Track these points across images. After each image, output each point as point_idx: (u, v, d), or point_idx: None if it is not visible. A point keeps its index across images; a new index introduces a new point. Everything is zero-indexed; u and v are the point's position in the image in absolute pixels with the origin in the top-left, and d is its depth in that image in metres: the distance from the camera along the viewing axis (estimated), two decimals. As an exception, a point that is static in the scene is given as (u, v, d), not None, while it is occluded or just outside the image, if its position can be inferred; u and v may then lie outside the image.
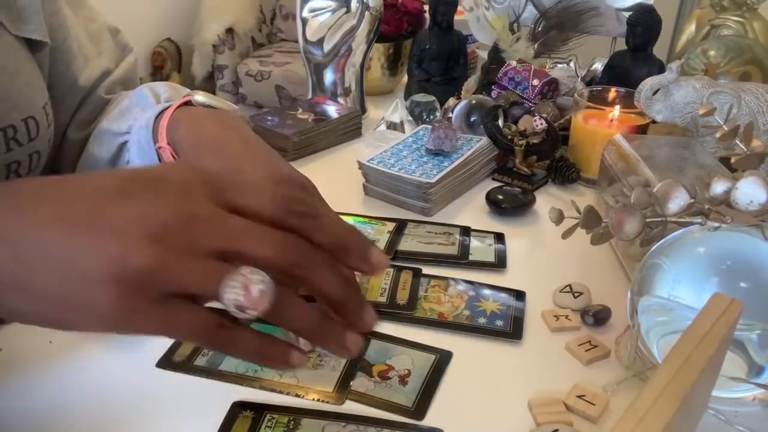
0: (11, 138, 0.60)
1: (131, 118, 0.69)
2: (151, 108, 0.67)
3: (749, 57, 0.92)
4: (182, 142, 0.61)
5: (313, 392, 0.47)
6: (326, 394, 0.47)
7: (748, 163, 0.52)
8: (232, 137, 0.58)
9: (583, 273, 0.62)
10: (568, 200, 0.71)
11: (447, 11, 1.00)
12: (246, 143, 0.58)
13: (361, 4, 0.93)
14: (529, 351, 0.52)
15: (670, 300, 0.45)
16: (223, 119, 0.62)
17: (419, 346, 0.52)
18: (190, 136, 0.61)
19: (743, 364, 0.44)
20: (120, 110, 0.72)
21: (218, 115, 0.63)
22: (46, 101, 0.66)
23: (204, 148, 0.58)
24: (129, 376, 0.48)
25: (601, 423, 0.45)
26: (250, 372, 0.48)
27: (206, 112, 0.64)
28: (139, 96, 0.71)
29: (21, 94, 0.62)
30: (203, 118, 0.62)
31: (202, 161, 0.57)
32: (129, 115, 0.69)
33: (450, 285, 0.60)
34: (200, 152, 0.58)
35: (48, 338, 0.51)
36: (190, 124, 0.61)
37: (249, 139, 0.60)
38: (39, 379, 0.48)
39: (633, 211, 0.50)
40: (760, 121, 0.72)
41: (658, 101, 0.74)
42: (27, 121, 0.62)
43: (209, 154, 0.57)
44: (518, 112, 0.82)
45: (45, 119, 0.65)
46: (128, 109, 0.70)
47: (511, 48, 1.01)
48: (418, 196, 0.73)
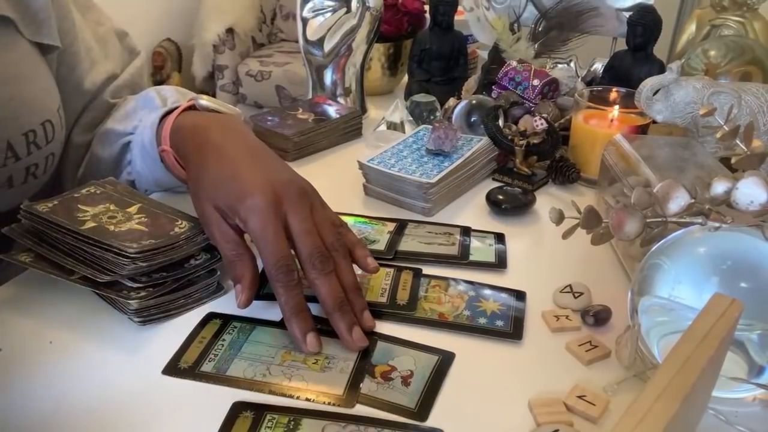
0: (32, 142, 0.62)
1: (137, 119, 0.69)
2: (157, 110, 0.67)
3: (750, 57, 0.92)
4: (185, 146, 0.62)
5: (324, 396, 0.46)
6: (336, 397, 0.46)
7: (748, 164, 0.52)
8: (234, 142, 0.59)
9: (584, 273, 0.62)
10: (568, 200, 0.71)
11: (447, 11, 1.00)
12: (248, 148, 0.59)
13: (361, 4, 0.93)
14: (530, 351, 0.52)
15: (670, 300, 0.45)
16: (226, 124, 0.62)
17: (422, 347, 0.52)
18: (193, 140, 0.61)
19: (743, 364, 0.44)
20: (126, 111, 0.72)
21: (221, 120, 0.63)
22: (59, 104, 0.67)
23: (206, 153, 0.58)
24: (129, 377, 0.48)
25: (601, 423, 0.45)
26: (258, 377, 0.48)
27: (209, 117, 0.65)
28: (146, 99, 0.71)
29: (38, 99, 0.64)
30: (206, 123, 0.62)
31: (203, 165, 0.57)
32: (135, 117, 0.70)
33: (450, 285, 0.60)
34: (202, 156, 0.58)
35: (48, 338, 0.51)
36: (193, 128, 0.62)
37: (251, 144, 0.60)
38: (39, 379, 0.47)
39: (633, 212, 0.50)
40: (760, 121, 0.72)
41: (658, 101, 0.74)
42: (45, 124, 0.63)
43: (210, 159, 0.57)
44: (518, 112, 0.82)
45: (59, 122, 0.66)
46: (134, 111, 0.71)
47: (512, 48, 1.01)
48: (419, 197, 0.73)
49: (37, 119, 0.63)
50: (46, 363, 0.49)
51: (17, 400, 0.46)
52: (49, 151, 0.65)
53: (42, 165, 0.64)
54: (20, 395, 0.46)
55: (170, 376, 0.48)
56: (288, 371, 0.48)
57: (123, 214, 0.57)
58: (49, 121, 0.64)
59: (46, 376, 0.48)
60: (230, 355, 0.50)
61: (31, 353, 0.50)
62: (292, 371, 0.48)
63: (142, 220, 0.56)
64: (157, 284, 0.53)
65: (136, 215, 0.57)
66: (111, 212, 0.57)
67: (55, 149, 0.66)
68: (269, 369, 0.49)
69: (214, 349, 0.50)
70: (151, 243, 0.52)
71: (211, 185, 0.55)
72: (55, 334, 0.51)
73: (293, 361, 0.49)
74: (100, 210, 0.57)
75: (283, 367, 0.49)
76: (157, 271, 0.53)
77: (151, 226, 0.56)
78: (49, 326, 0.53)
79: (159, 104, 0.69)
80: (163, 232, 0.55)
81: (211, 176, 0.56)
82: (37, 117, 0.63)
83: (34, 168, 0.63)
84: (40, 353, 0.50)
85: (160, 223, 0.56)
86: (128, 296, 0.52)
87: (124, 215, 0.57)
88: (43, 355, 0.50)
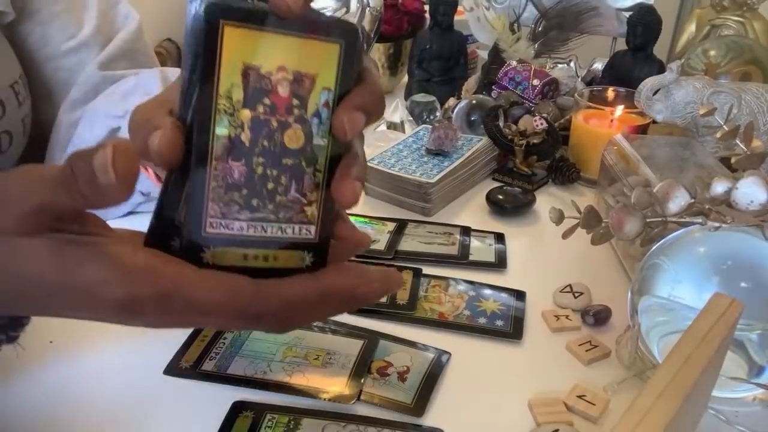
0: None
1: (131, 103, 0.60)
2: (150, 96, 0.62)
3: (749, 57, 0.92)
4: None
5: (324, 392, 0.46)
6: (338, 393, 0.46)
7: (748, 163, 0.52)
8: None
9: (584, 273, 0.62)
10: (568, 200, 0.71)
11: (447, 11, 1.00)
12: None
13: (361, 4, 0.93)
14: (530, 351, 0.52)
15: (670, 300, 0.45)
16: None
17: (419, 344, 0.52)
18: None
19: (743, 364, 0.44)
20: (123, 91, 0.65)
21: None
22: (17, 79, 0.61)
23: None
24: (130, 377, 0.48)
25: (601, 423, 0.45)
26: (258, 374, 0.48)
27: None
28: (147, 80, 0.65)
29: None
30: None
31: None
32: (130, 99, 0.63)
33: (450, 285, 0.60)
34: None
35: (48, 338, 0.51)
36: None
37: None
38: (39, 379, 0.47)
39: (633, 211, 0.50)
40: (760, 121, 0.72)
41: (658, 101, 0.74)
42: None
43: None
44: (518, 112, 0.82)
45: (14, 98, 0.60)
46: (131, 92, 0.64)
47: (512, 48, 1.01)
48: (419, 196, 0.73)
49: None
50: (46, 363, 0.49)
51: (17, 400, 0.46)
52: (1, 128, 0.58)
53: None
54: (20, 395, 0.46)
55: (172, 375, 0.48)
56: (289, 367, 0.49)
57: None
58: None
59: (46, 376, 0.48)
60: (231, 353, 0.50)
61: (31, 353, 0.50)
62: (293, 367, 0.49)
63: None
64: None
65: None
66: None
67: (11, 127, 0.59)
68: (270, 366, 0.49)
69: (215, 348, 0.50)
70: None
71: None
72: (55, 334, 0.51)
73: (294, 357, 0.49)
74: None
75: (284, 364, 0.49)
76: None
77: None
78: (49, 326, 0.53)
79: (159, 87, 0.63)
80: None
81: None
82: None
83: None
84: (40, 353, 0.50)
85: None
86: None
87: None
88: (43, 355, 0.50)
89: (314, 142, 0.33)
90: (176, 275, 0.30)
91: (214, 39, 0.30)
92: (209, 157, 0.31)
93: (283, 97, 0.31)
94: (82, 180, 0.27)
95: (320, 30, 0.31)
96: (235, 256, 0.32)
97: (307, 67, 0.32)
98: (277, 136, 0.32)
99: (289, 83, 0.31)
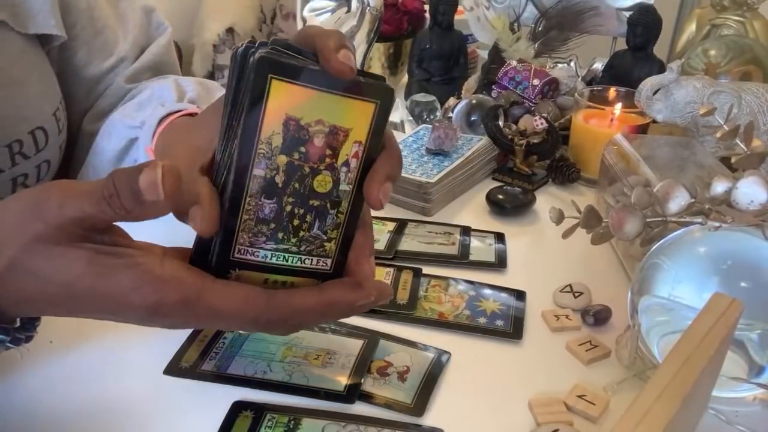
0: (17, 152, 0.57)
1: (147, 113, 0.63)
2: (165, 106, 0.61)
3: (750, 57, 0.92)
4: (169, 151, 0.58)
5: (324, 392, 0.46)
6: (338, 393, 0.46)
7: (748, 163, 0.52)
8: None
9: (584, 273, 0.62)
10: (568, 200, 0.71)
11: (447, 11, 1.00)
12: None
13: (361, 4, 0.93)
14: (530, 351, 0.52)
15: (670, 300, 0.45)
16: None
17: (418, 344, 0.52)
18: (177, 145, 0.57)
19: (743, 364, 0.44)
20: (139, 102, 0.65)
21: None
22: (58, 105, 0.62)
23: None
24: (130, 377, 0.48)
25: (601, 423, 0.45)
26: (258, 374, 0.48)
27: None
28: (162, 89, 0.65)
29: (29, 106, 0.58)
30: (196, 130, 0.59)
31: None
32: (147, 108, 0.64)
33: (450, 285, 0.60)
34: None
35: (48, 338, 0.51)
36: (182, 133, 0.57)
37: None
38: (39, 379, 0.47)
39: (633, 211, 0.50)
40: (760, 121, 0.72)
41: (658, 101, 0.74)
42: (35, 132, 0.58)
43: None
44: (518, 112, 0.82)
45: (56, 126, 0.61)
46: (147, 102, 0.65)
47: (512, 48, 1.01)
48: (419, 196, 0.73)
49: (26, 127, 0.57)
50: (46, 363, 0.49)
51: (17, 400, 0.46)
52: (42, 159, 0.59)
53: (33, 174, 0.59)
54: (20, 395, 0.46)
55: (172, 375, 0.48)
56: (289, 367, 0.49)
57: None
58: (41, 128, 0.58)
59: (46, 376, 0.48)
60: (231, 353, 0.50)
61: (32, 353, 0.50)
62: (293, 367, 0.49)
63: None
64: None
65: None
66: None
67: (50, 156, 0.61)
68: (270, 366, 0.49)
69: (215, 348, 0.50)
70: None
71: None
72: (55, 334, 0.51)
73: (294, 357, 0.49)
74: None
75: (284, 364, 0.49)
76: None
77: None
78: (49, 326, 0.53)
79: (175, 98, 0.63)
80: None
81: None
82: (25, 125, 0.57)
83: (23, 178, 0.58)
84: (40, 353, 0.50)
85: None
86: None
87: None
88: (43, 355, 0.50)
89: (340, 187, 0.36)
90: (199, 284, 0.34)
91: (262, 90, 0.32)
92: (244, 194, 0.34)
93: (317, 147, 0.34)
94: (125, 195, 0.32)
95: (361, 91, 0.34)
96: (257, 278, 0.37)
97: (343, 122, 0.34)
98: (308, 181, 0.35)
99: (325, 135, 0.34)
